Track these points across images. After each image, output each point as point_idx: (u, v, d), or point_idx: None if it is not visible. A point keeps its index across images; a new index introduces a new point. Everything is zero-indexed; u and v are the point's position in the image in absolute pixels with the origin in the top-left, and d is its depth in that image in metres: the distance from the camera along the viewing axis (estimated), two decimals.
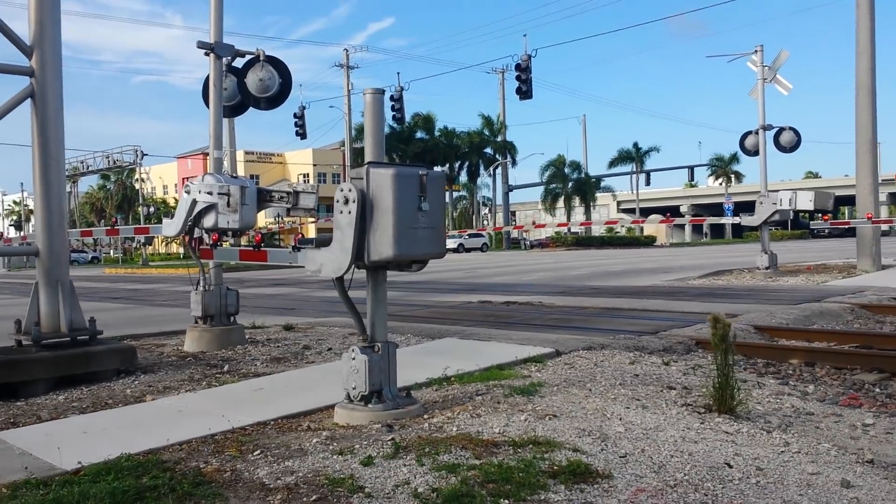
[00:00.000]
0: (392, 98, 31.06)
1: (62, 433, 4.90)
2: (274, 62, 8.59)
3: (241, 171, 70.80)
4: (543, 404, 5.16)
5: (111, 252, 68.28)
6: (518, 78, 25.93)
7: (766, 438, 4.68)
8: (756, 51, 17.90)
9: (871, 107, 16.97)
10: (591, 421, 4.75)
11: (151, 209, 58.80)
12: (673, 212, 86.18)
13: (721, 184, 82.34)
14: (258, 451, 4.26)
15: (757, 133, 18.06)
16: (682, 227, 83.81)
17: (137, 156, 52.01)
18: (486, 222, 76.60)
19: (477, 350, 7.43)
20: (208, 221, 6.40)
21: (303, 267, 5.24)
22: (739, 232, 68.16)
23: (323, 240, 5.14)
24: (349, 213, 4.73)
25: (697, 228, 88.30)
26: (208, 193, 6.35)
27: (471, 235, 59.37)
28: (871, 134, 17.03)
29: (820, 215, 17.63)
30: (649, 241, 62.43)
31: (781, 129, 18.32)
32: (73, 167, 59.66)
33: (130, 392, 6.22)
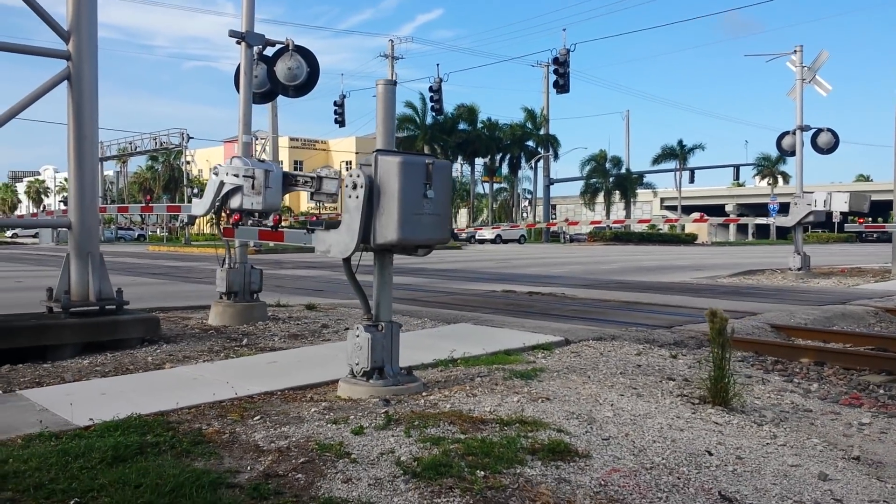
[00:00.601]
0: (431, 89, 31.26)
1: (81, 394, 5.19)
2: (302, 52, 8.83)
3: (285, 157, 71.36)
4: (540, 388, 5.31)
5: (157, 231, 69.73)
6: (556, 72, 25.92)
7: (754, 431, 4.77)
8: (795, 51, 17.66)
9: None
10: (582, 405, 4.89)
11: (195, 190, 59.94)
12: (717, 211, 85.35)
13: (768, 183, 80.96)
14: (258, 417, 4.50)
15: (794, 134, 17.84)
16: (726, 226, 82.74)
17: (183, 138, 53.00)
18: (525, 215, 76.42)
19: (488, 336, 7.59)
20: (234, 202, 6.70)
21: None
22: (784, 233, 67.09)
23: (333, 223, 5.35)
24: (357, 197, 4.92)
25: (742, 228, 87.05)
26: (234, 176, 6.64)
27: (509, 228, 59.34)
28: None
29: (856, 218, 17.31)
30: (690, 240, 61.71)
31: (819, 131, 18.07)
32: (122, 148, 61.00)
33: (151, 359, 6.53)
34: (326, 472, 3.62)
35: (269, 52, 9.07)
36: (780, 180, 78.88)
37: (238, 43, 8.73)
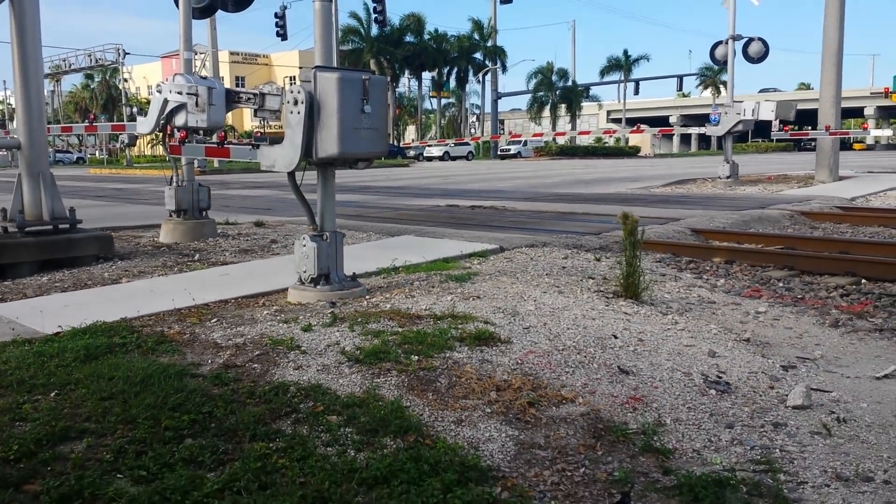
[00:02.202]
0: None
1: (45, 306, 5.56)
2: None
3: (226, 73, 69.15)
4: (472, 289, 5.85)
5: (96, 153, 68.01)
6: None
7: (659, 319, 5.40)
8: None
9: (839, 19, 17.23)
10: (508, 301, 5.45)
11: (135, 109, 58.33)
12: (662, 122, 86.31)
13: (711, 93, 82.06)
14: (215, 320, 4.96)
15: (726, 43, 18.38)
16: (669, 137, 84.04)
17: (119, 54, 51.21)
18: (473, 130, 76.42)
19: (429, 246, 8.10)
20: (179, 120, 6.91)
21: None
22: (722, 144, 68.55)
23: (277, 138, 5.69)
24: (298, 113, 5.27)
25: (686, 139, 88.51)
26: (178, 93, 6.84)
27: (456, 144, 59.43)
28: (837, 46, 17.34)
29: (781, 126, 18.15)
30: (633, 152, 62.76)
31: (750, 40, 18.62)
32: (56, 66, 58.64)
33: (108, 275, 6.88)
34: (279, 361, 4.11)
35: None
36: (723, 90, 79.98)
37: None
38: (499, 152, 60.49)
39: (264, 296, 5.86)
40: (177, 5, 8.89)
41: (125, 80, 58.13)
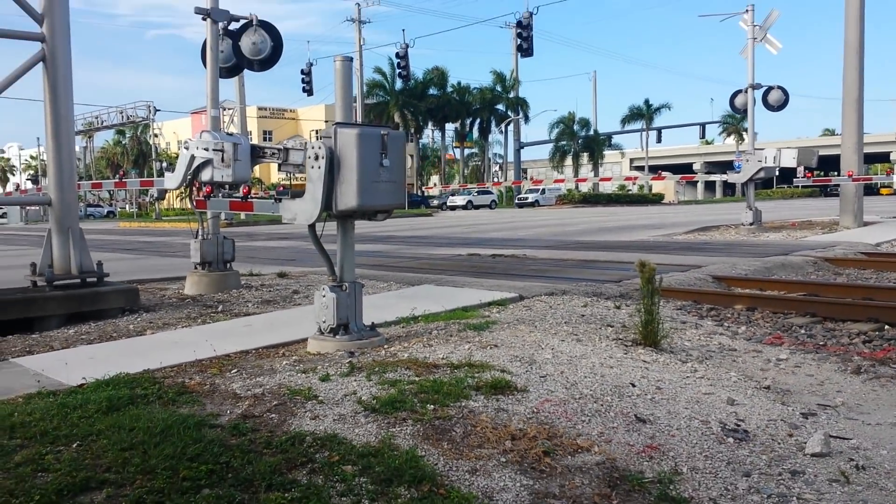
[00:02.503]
0: (397, 55, 31.46)
1: (71, 358, 5.67)
2: (266, 26, 9.22)
3: (254, 127, 70.71)
4: (490, 337, 5.88)
5: (126, 207, 69.27)
6: (519, 35, 26.32)
7: (678, 367, 5.38)
8: (747, 10, 18.24)
9: (859, 67, 17.31)
10: (526, 350, 5.47)
11: (164, 164, 59.42)
12: (686, 169, 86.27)
13: (735, 140, 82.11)
14: (235, 371, 5.03)
15: (746, 92, 18.50)
16: (694, 184, 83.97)
17: (150, 111, 52.71)
18: (496, 179, 76.96)
19: (448, 295, 8.15)
20: (205, 175, 7.09)
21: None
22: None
23: (298, 192, 5.83)
24: (319, 168, 5.40)
25: (710, 186, 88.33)
26: (205, 150, 7.03)
27: (479, 192, 59.90)
28: (858, 93, 17.39)
29: (805, 173, 18.13)
30: (657, 199, 62.71)
31: (770, 88, 18.73)
32: (88, 122, 60.38)
33: (133, 327, 7.00)
34: (297, 411, 4.16)
35: (234, 26, 9.43)
36: (746, 137, 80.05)
37: (204, 19, 9.08)
38: (516, 201, 60.68)
39: (284, 346, 5.93)
40: (204, 65, 9.19)
41: (155, 136, 59.56)
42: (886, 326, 6.84)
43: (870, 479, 3.49)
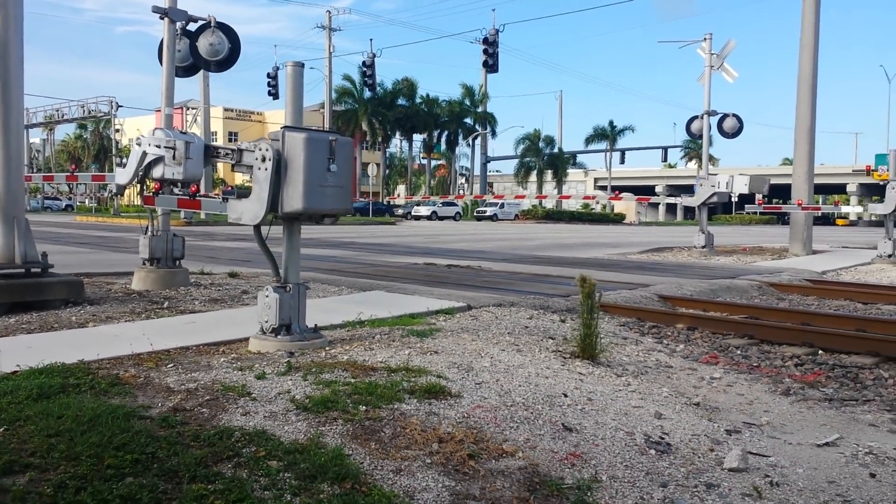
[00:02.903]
0: (364, 64, 31.59)
1: (8, 347, 5.61)
2: (224, 28, 9.22)
3: (219, 128, 69.81)
4: (432, 344, 5.94)
5: (86, 201, 68.11)
6: (485, 52, 26.63)
7: (612, 380, 5.50)
8: (705, 38, 18.70)
9: (811, 100, 17.81)
10: (465, 357, 5.55)
11: (124, 160, 58.37)
12: (648, 191, 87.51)
13: (696, 165, 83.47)
14: (172, 365, 5.03)
15: (702, 118, 18.93)
16: (655, 206, 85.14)
17: (112, 107, 51.82)
18: (462, 192, 77.25)
19: (398, 302, 8.21)
20: (157, 172, 7.06)
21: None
22: (711, 214, 69.37)
23: (244, 192, 5.85)
24: (266, 169, 5.44)
25: (672, 209, 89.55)
26: (157, 146, 7.01)
27: (444, 204, 60.01)
28: (810, 124, 17.87)
29: (757, 200, 18.65)
30: (619, 219, 63.39)
31: (725, 116, 19.20)
32: (49, 115, 59.22)
33: (75, 319, 6.94)
34: (228, 407, 4.18)
35: (193, 26, 9.41)
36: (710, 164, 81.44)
37: (161, 18, 9.05)
38: (475, 213, 60.95)
39: (226, 344, 5.93)
40: (161, 64, 9.15)
41: (117, 132, 58.64)
42: (820, 351, 7.05)
43: (782, 495, 3.61)
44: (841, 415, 5.18)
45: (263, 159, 5.42)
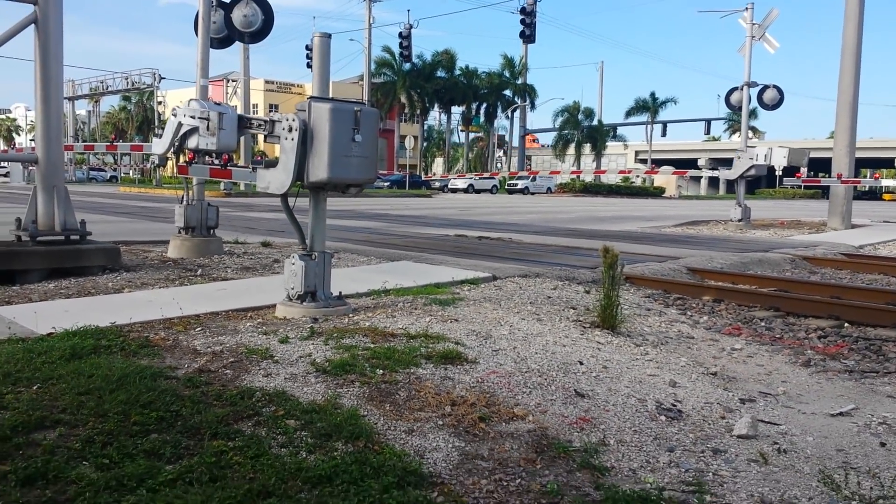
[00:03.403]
0: (400, 35, 31.55)
1: (46, 310, 5.85)
2: (258, 0, 9.33)
3: (259, 100, 70.45)
4: (453, 312, 6.05)
5: (130, 172, 69.37)
6: (522, 21, 26.40)
7: (630, 349, 5.56)
8: (747, 8, 18.31)
9: (855, 71, 17.38)
10: (485, 326, 5.64)
11: (159, 131, 59.06)
12: (691, 165, 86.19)
13: (739, 137, 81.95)
14: (200, 329, 5.21)
15: (742, 89, 18.60)
16: (697, 180, 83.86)
17: (155, 79, 52.54)
18: (500, 165, 76.95)
19: (424, 271, 8.32)
20: (191, 143, 7.24)
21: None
22: (753, 188, 68.23)
23: (272, 162, 5.99)
24: (292, 139, 5.56)
25: (714, 182, 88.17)
26: (191, 117, 7.18)
27: (480, 178, 59.89)
28: (852, 98, 17.47)
29: (797, 173, 18.38)
30: (658, 193, 62.76)
31: (765, 87, 18.84)
32: (93, 87, 60.30)
33: (112, 285, 7.18)
34: (251, 368, 4.35)
35: None
36: (752, 135, 79.89)
37: None
38: (507, 186, 60.70)
39: (254, 310, 6.10)
40: (196, 35, 9.31)
41: (160, 103, 59.49)
42: (846, 324, 7.00)
43: (788, 461, 3.66)
44: (860, 386, 5.17)
45: (290, 129, 5.54)
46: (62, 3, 7.55)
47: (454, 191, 58.37)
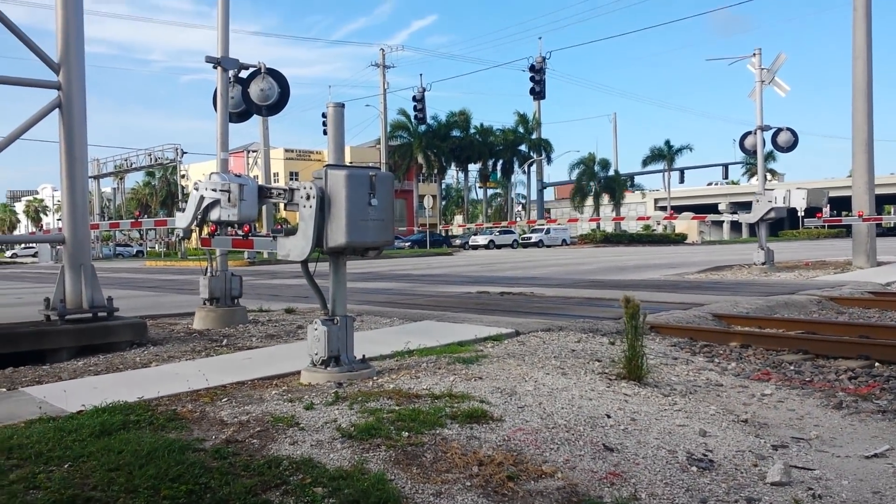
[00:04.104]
0: (414, 98, 32.22)
1: (75, 388, 5.93)
2: (274, 74, 9.62)
3: (280, 168, 71.81)
4: (477, 370, 6.05)
5: (155, 246, 70.46)
6: (532, 79, 26.85)
7: (658, 400, 5.50)
8: (754, 54, 18.51)
9: (867, 109, 17.42)
10: (509, 382, 5.63)
11: (183, 205, 59.98)
12: (712, 209, 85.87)
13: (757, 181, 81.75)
14: (226, 399, 5.25)
15: (755, 133, 18.68)
16: (720, 224, 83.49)
17: (178, 153, 53.89)
18: (519, 219, 77.25)
19: (447, 330, 8.34)
20: (213, 215, 7.40)
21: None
22: (776, 230, 67.77)
23: (292, 230, 6.10)
24: (310, 207, 5.67)
25: (737, 226, 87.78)
26: (213, 190, 7.36)
27: (501, 232, 60.11)
28: (867, 135, 17.47)
29: (817, 213, 18.34)
30: (680, 239, 62.51)
31: (779, 130, 18.90)
32: (118, 164, 61.79)
33: (139, 360, 7.27)
34: (277, 437, 4.36)
35: (245, 74, 9.84)
36: (770, 177, 79.68)
37: (214, 67, 9.51)
38: (520, 240, 60.53)
39: (279, 378, 6.14)
40: (216, 110, 9.59)
41: (182, 177, 60.73)
42: (876, 363, 6.89)
43: None
44: (893, 426, 5.07)
45: (308, 197, 5.65)
46: (85, 87, 7.84)
47: (475, 247, 58.56)
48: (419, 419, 4.55)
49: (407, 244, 55.18)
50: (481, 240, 59.89)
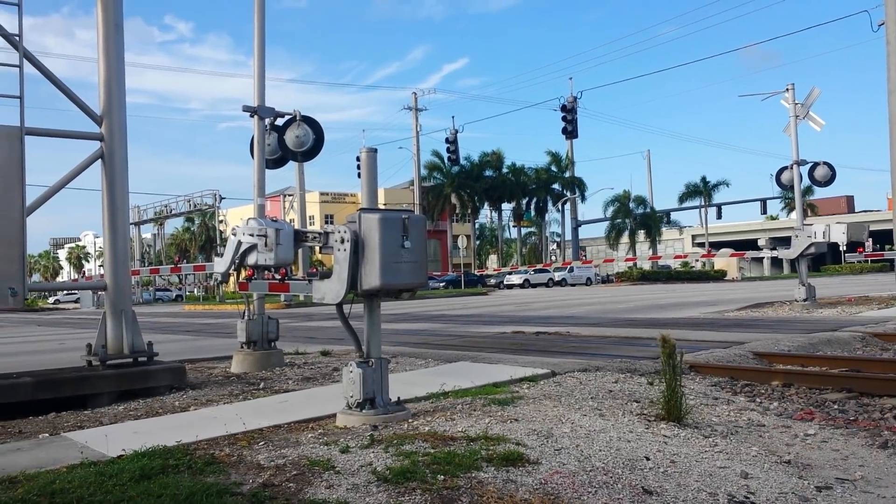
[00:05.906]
0: (447, 140, 32.57)
1: (116, 433, 6.01)
2: (308, 121, 9.83)
3: (315, 212, 72.81)
4: (512, 412, 6.01)
5: (194, 290, 71.39)
6: (564, 118, 26.99)
7: (699, 441, 5.41)
8: (787, 89, 18.39)
9: None
10: (545, 424, 5.58)
11: (221, 250, 60.80)
12: (751, 245, 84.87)
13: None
14: (263, 443, 5.28)
15: (791, 168, 18.49)
16: (760, 260, 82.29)
17: (216, 199, 55.02)
18: (554, 258, 76.99)
19: (482, 371, 8.30)
20: (251, 259, 7.54)
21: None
22: (818, 265, 66.50)
23: (327, 273, 6.17)
24: (345, 250, 5.74)
25: (777, 262, 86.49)
26: (250, 235, 7.50)
27: (536, 271, 59.93)
28: None
29: (858, 248, 17.99)
30: (719, 276, 61.63)
31: (816, 164, 18.69)
32: (158, 211, 63.17)
33: (178, 404, 7.35)
34: (314, 480, 4.37)
35: (280, 122, 10.07)
36: (809, 212, 78.51)
37: (251, 116, 9.75)
38: (555, 278, 59.74)
39: (315, 420, 6.16)
40: (252, 156, 9.80)
41: (221, 222, 61.80)
42: None
43: None
44: None
45: (342, 241, 5.73)
46: (126, 138, 8.08)
47: (510, 286, 58.41)
48: (455, 462, 4.52)
49: (441, 284, 55.25)
50: (516, 279, 59.74)
